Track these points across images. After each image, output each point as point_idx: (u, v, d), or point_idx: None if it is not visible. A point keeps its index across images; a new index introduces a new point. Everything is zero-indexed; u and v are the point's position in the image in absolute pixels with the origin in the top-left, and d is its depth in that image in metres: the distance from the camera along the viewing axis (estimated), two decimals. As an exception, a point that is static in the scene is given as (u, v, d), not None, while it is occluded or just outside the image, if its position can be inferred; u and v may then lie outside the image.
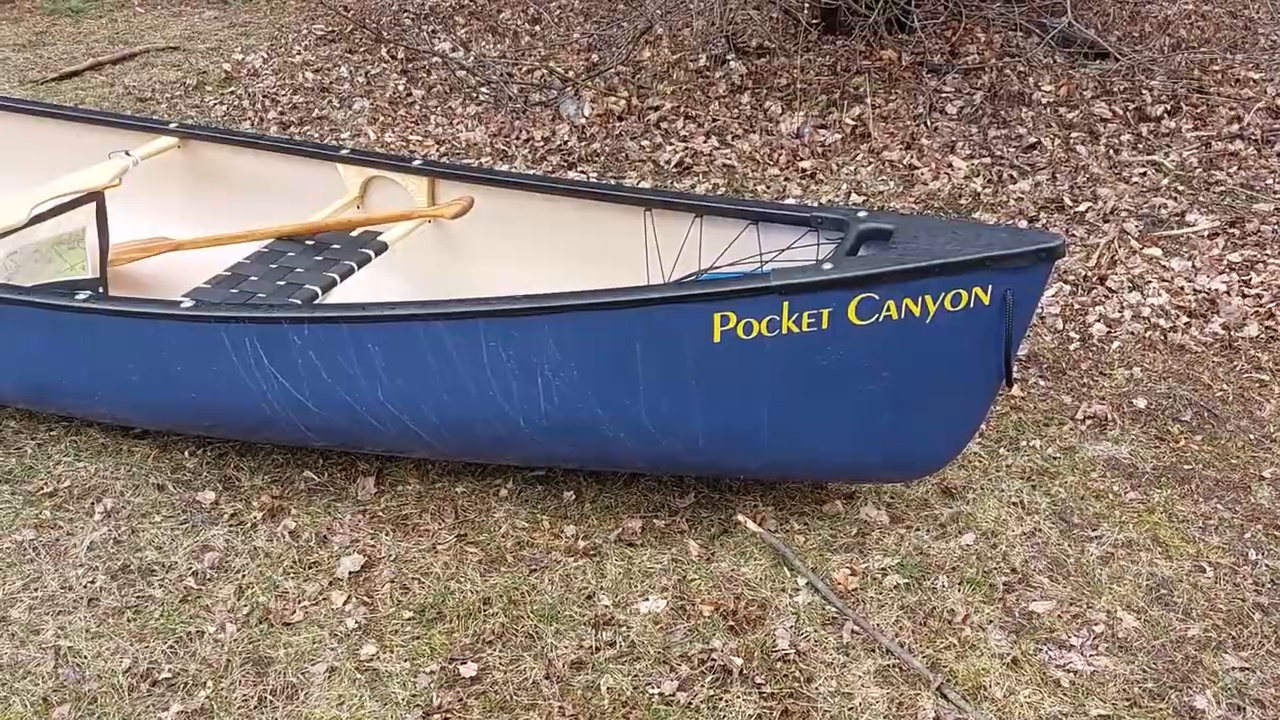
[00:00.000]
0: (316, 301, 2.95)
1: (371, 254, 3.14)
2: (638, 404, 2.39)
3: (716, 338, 2.27)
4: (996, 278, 2.16)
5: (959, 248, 2.20)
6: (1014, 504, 2.69)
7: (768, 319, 2.23)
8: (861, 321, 2.21)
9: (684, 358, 2.32)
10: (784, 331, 2.24)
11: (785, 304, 2.21)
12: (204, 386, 2.65)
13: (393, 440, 2.67)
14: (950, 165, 4.66)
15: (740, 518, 2.60)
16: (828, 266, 2.20)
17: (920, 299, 2.18)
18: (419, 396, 2.52)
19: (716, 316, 2.25)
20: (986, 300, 2.18)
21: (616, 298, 2.29)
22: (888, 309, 2.20)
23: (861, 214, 2.51)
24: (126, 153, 3.47)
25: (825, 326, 2.23)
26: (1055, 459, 2.85)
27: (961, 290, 2.17)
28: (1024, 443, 2.91)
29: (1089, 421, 3.00)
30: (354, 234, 3.23)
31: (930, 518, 2.64)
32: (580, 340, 2.35)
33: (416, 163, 3.31)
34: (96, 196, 3.32)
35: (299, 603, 2.46)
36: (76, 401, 2.91)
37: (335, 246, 3.18)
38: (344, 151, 3.43)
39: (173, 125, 3.66)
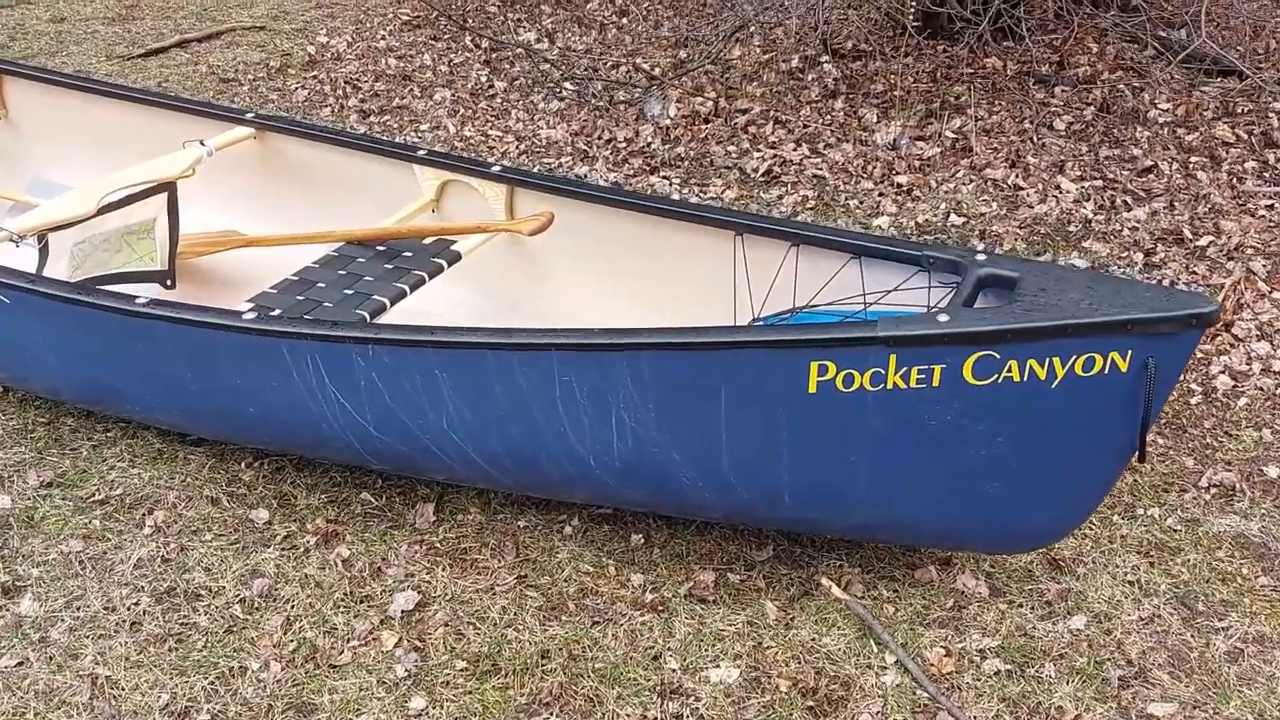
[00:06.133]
0: (385, 313, 2.80)
1: (444, 264, 2.98)
2: (718, 452, 2.19)
3: (812, 388, 2.06)
4: (1138, 343, 1.91)
5: (1095, 306, 1.95)
6: (1130, 583, 2.43)
7: (872, 372, 2.01)
8: (978, 381, 1.98)
9: (774, 406, 2.11)
10: (889, 386, 2.02)
11: (893, 357, 1.99)
12: (262, 401, 2.52)
13: (455, 470, 2.51)
14: (1059, 187, 4.35)
15: (824, 581, 2.39)
16: (944, 319, 1.97)
17: (1048, 361, 1.94)
18: (485, 427, 2.35)
19: (814, 365, 2.03)
20: (1124, 367, 1.93)
21: (703, 338, 2.09)
22: (1009, 370, 1.96)
23: (980, 256, 2.27)
24: (201, 142, 3.36)
25: (936, 384, 2.00)
26: (1176, 532, 2.58)
27: (1096, 354, 1.92)
28: (1141, 511, 2.64)
29: (1214, 490, 2.71)
30: (426, 241, 3.08)
31: (1035, 593, 2.39)
32: (660, 380, 2.15)
33: (496, 169, 3.14)
34: (168, 187, 3.21)
35: (348, 642, 2.31)
36: (133, 405, 2.81)
37: (407, 254, 3.03)
38: (421, 152, 3.27)
39: (249, 115, 3.55)
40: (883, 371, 2.00)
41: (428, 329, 2.30)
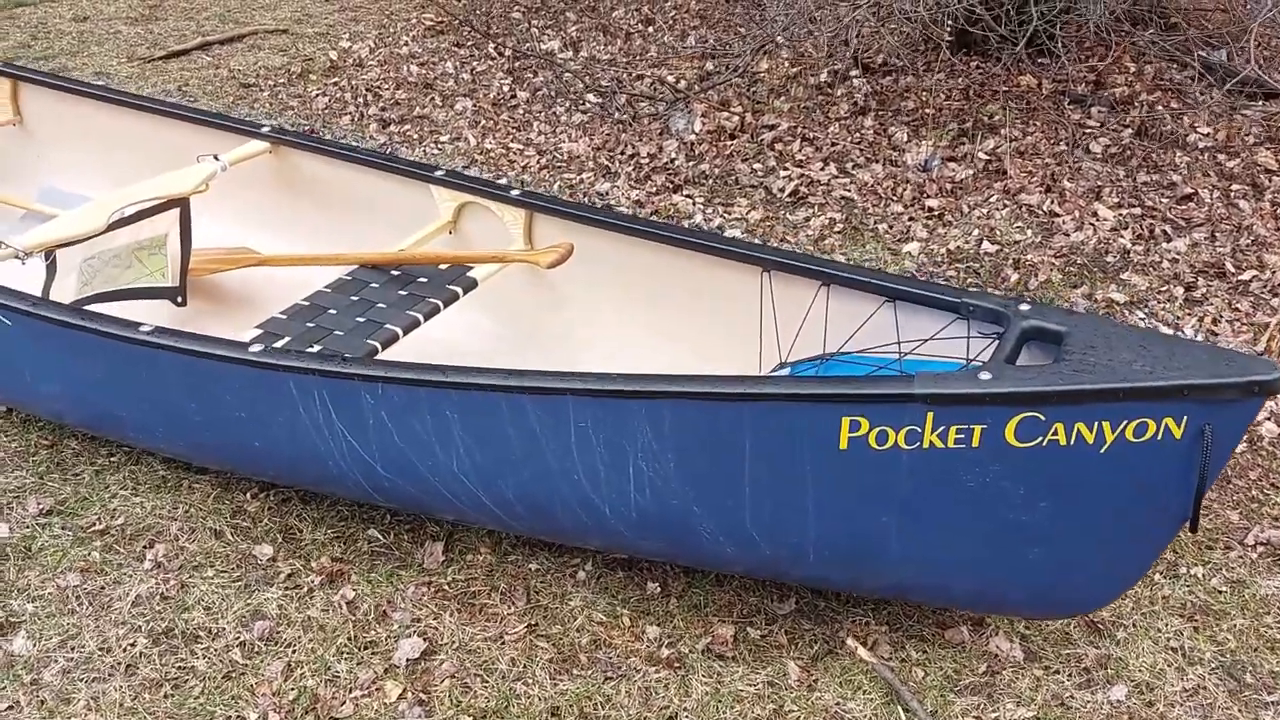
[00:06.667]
0: (397, 342, 2.71)
1: (459, 292, 2.89)
2: (741, 506, 2.08)
3: (843, 444, 1.94)
4: (1195, 409, 1.79)
5: (1148, 368, 1.83)
6: (1173, 649, 2.30)
7: (907, 430, 1.90)
8: (1021, 444, 1.86)
9: (801, 462, 2.00)
10: (925, 445, 1.90)
11: (930, 415, 1.87)
12: (267, 435, 2.43)
13: (465, 512, 2.41)
14: (1095, 214, 4.21)
15: (850, 641, 2.27)
16: (986, 377, 1.85)
17: (1097, 425, 1.82)
18: (496, 471, 2.25)
19: (846, 421, 1.92)
20: (1178, 434, 1.81)
21: (728, 388, 1.98)
22: (1055, 432, 1.84)
23: (1024, 306, 2.15)
24: (215, 157, 3.29)
25: (976, 445, 1.88)
26: (1221, 594, 2.45)
27: (1149, 420, 1.80)
28: (1184, 570, 2.51)
29: (1261, 549, 2.58)
30: (442, 266, 2.98)
31: (1072, 658, 2.27)
32: (680, 429, 2.04)
33: (515, 193, 3.04)
34: (181, 202, 3.14)
35: (350, 692, 2.22)
36: (136, 433, 2.73)
37: (422, 279, 2.93)
38: (439, 173, 3.18)
39: (265, 129, 3.47)
40: (919, 430, 1.89)
41: (439, 368, 2.20)
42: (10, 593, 2.43)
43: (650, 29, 6.29)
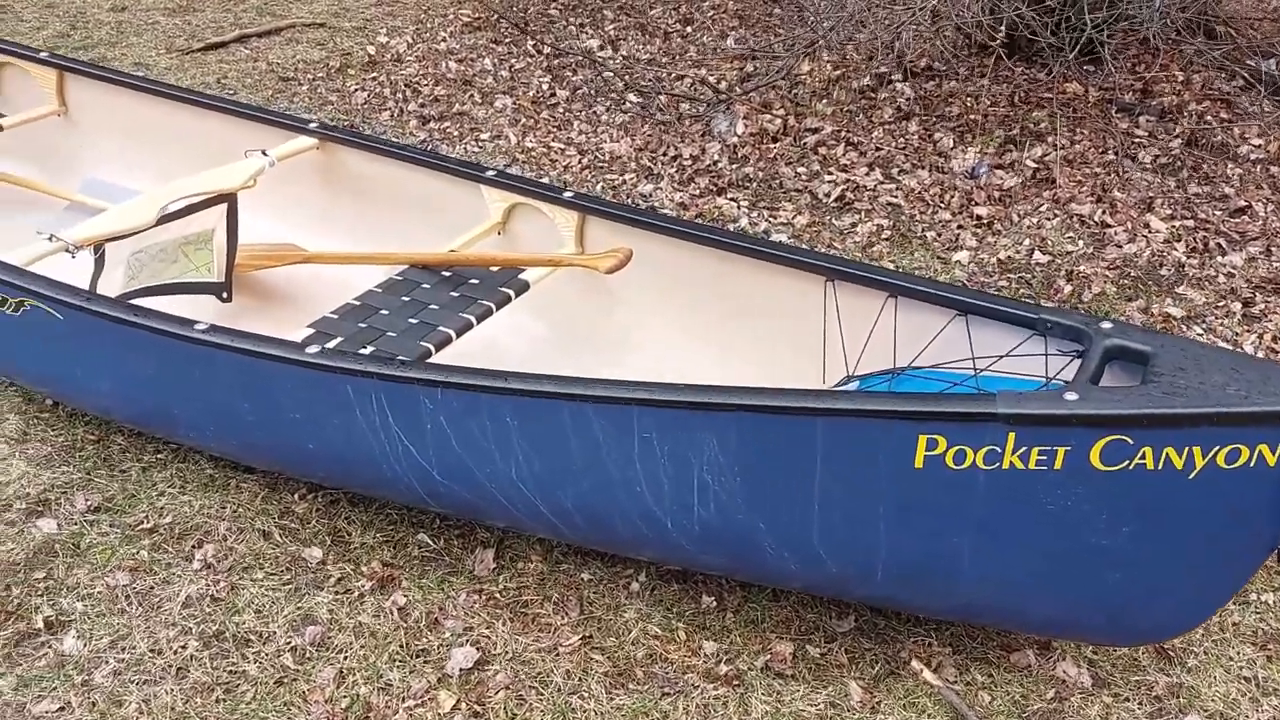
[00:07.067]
0: (450, 345, 2.67)
1: (511, 294, 2.85)
2: (809, 524, 2.03)
3: (919, 462, 1.89)
4: (1291, 437, 1.73)
5: (1243, 392, 1.77)
6: (1245, 679, 2.24)
7: (987, 450, 1.84)
8: (1106, 467, 1.80)
9: (874, 480, 1.95)
10: (1004, 466, 1.85)
11: (1012, 435, 1.82)
12: (322, 437, 2.40)
13: (520, 520, 2.37)
14: (1148, 226, 4.14)
15: (915, 664, 2.22)
16: (1072, 397, 1.79)
17: (1187, 450, 1.76)
18: (556, 480, 2.21)
19: (923, 439, 1.87)
20: (1272, 461, 1.75)
21: (801, 402, 1.93)
22: (1142, 456, 1.78)
23: (1106, 324, 2.09)
24: (264, 152, 3.26)
25: (1058, 467, 1.83)
26: (1293, 622, 2.39)
27: (1242, 446, 1.74)
28: (1254, 596, 2.45)
29: (1333, 576, 2.52)
30: (493, 268, 2.94)
31: (1143, 685, 2.21)
32: (749, 444, 2.00)
33: (568, 195, 3.00)
34: (229, 197, 3.11)
35: (403, 701, 2.18)
36: (186, 431, 2.70)
37: (473, 281, 2.89)
38: (490, 173, 3.14)
39: (313, 125, 3.43)
40: (999, 450, 1.83)
41: (501, 374, 2.16)
42: (60, 590, 2.41)
43: (689, 28, 6.24)
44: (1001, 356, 2.22)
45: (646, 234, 2.87)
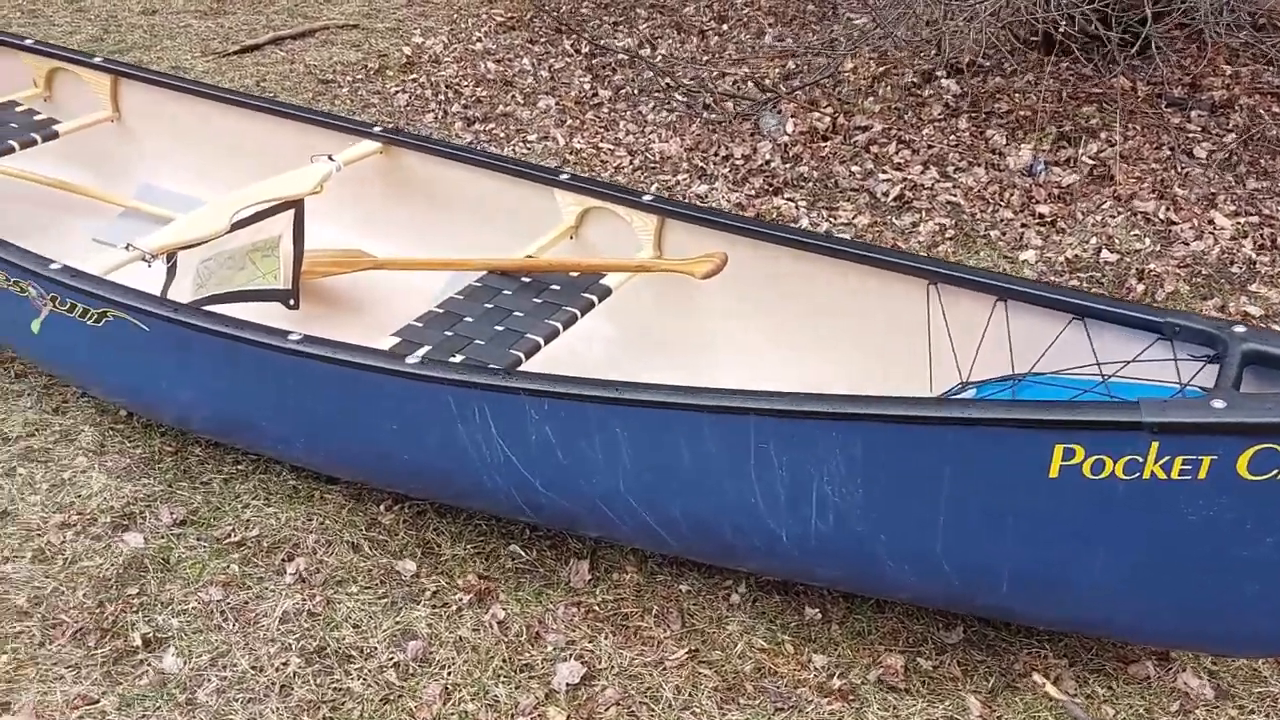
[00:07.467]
0: (538, 352, 2.62)
1: (595, 300, 2.80)
2: (933, 536, 1.99)
3: (1053, 472, 1.85)
4: None
5: (1400, 398, 1.72)
6: (1371, 689, 2.20)
7: (1127, 459, 1.79)
8: (1254, 477, 1.76)
9: (1006, 490, 1.90)
10: (1145, 476, 1.80)
11: (1155, 444, 1.77)
12: (419, 448, 2.36)
13: (621, 530, 2.33)
14: (1212, 222, 4.08)
15: (1036, 677, 2.18)
16: (1220, 405, 1.74)
17: (1340, 460, 1.71)
18: (665, 491, 2.17)
19: (1059, 448, 1.82)
20: None
21: (932, 411, 1.88)
22: (1291, 466, 1.73)
23: (1239, 328, 2.04)
24: (330, 157, 3.21)
25: (1202, 477, 1.78)
26: None
27: (1399, 455, 1.69)
28: (1368, 602, 2.39)
29: None
30: (572, 274, 2.90)
31: (1267, 698, 2.17)
32: (875, 455, 1.95)
33: (647, 198, 2.95)
34: (296, 204, 3.07)
35: (512, 717, 2.14)
36: (273, 443, 2.66)
37: (554, 287, 2.85)
38: (564, 176, 3.09)
39: (376, 129, 3.39)
40: (1140, 460, 1.79)
41: (611, 384, 2.12)
42: (154, 606, 2.37)
43: (724, 26, 6.19)
44: (1129, 362, 2.17)
45: (730, 237, 2.82)
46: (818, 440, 1.97)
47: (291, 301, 3.09)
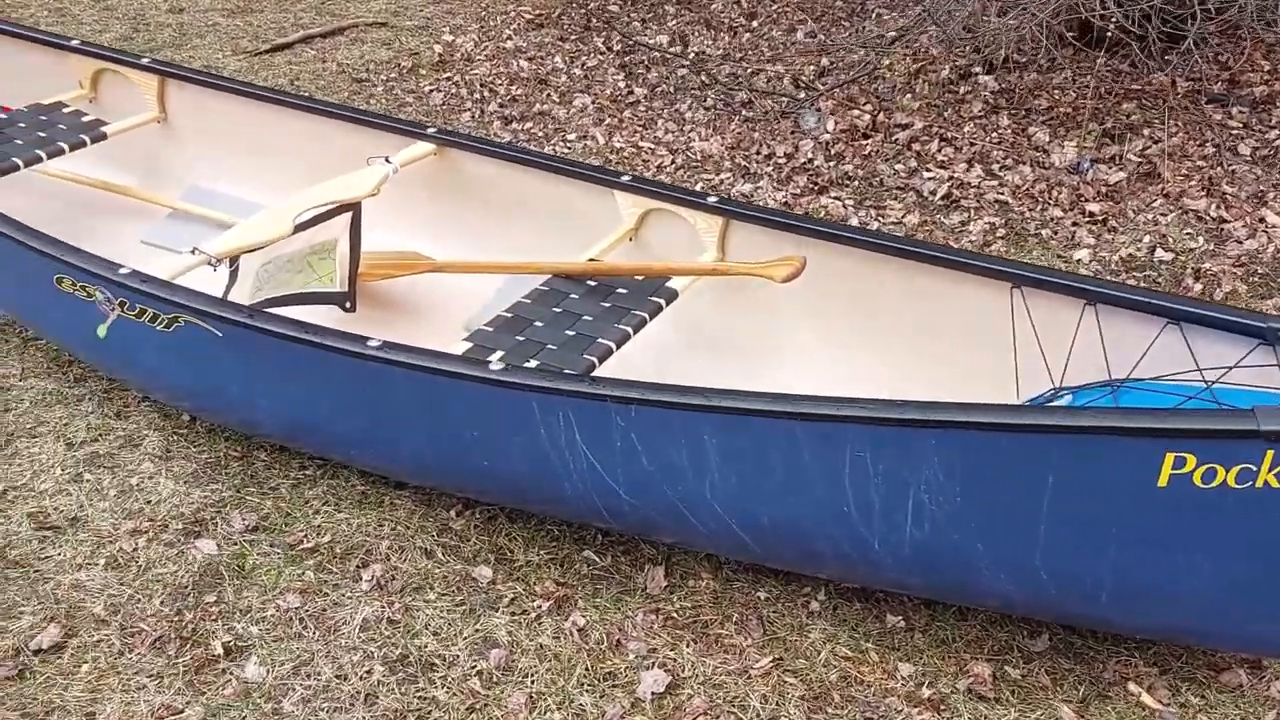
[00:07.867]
0: (611, 357, 2.60)
1: (662, 303, 2.78)
2: (1033, 545, 1.97)
3: (1163, 481, 1.82)
4: None
5: None
6: None
7: (1240, 468, 1.77)
8: (1369, 487, 1.73)
9: (1112, 499, 1.88)
10: (1258, 485, 1.78)
11: (1270, 453, 1.75)
12: (499, 455, 2.34)
13: (701, 537, 2.30)
14: (1263, 220, 4.05)
15: (1133, 687, 2.15)
16: (1338, 414, 1.72)
17: None
18: (753, 499, 2.15)
19: (1170, 457, 1.80)
20: None
21: (1036, 419, 1.86)
22: None
23: (1344, 333, 2.02)
24: (386, 159, 3.19)
25: (1316, 486, 1.75)
26: None
27: None
28: None
29: None
30: (637, 277, 2.87)
31: (1363, 706, 2.14)
32: (975, 463, 1.93)
33: (711, 199, 2.92)
34: (353, 206, 3.05)
35: (602, 727, 2.12)
36: (344, 449, 2.64)
37: (621, 290, 2.82)
38: (625, 178, 3.06)
39: (431, 131, 3.36)
40: (1254, 469, 1.76)
41: (700, 391, 2.09)
42: (233, 615, 2.35)
43: (754, 23, 6.15)
44: (1231, 367, 2.15)
45: (797, 238, 2.79)
46: (915, 448, 1.95)
47: (348, 304, 3.07)
